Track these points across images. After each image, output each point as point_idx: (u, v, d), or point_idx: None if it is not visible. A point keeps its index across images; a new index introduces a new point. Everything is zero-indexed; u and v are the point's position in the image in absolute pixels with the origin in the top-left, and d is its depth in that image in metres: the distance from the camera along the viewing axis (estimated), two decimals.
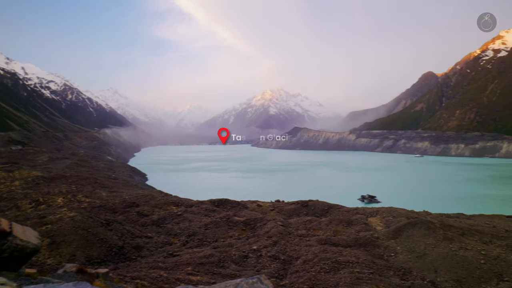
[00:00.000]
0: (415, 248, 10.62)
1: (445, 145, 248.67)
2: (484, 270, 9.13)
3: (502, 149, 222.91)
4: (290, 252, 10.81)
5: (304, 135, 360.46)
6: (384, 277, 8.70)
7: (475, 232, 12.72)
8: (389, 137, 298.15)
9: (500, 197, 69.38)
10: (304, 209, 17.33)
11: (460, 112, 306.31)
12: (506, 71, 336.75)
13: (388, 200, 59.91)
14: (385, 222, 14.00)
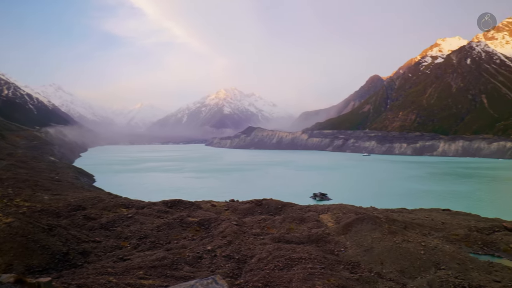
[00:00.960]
0: (363, 242, 11.14)
1: (390, 145, 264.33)
2: (424, 260, 9.80)
3: (439, 148, 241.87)
4: (245, 251, 10.84)
5: (258, 135, 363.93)
6: (335, 271, 9.02)
7: (416, 225, 13.63)
8: (339, 137, 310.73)
9: (438, 193, 75.13)
10: (258, 208, 17.48)
11: (403, 113, 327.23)
12: (442, 76, 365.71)
13: (338, 197, 62.43)
14: (336, 219, 14.55)
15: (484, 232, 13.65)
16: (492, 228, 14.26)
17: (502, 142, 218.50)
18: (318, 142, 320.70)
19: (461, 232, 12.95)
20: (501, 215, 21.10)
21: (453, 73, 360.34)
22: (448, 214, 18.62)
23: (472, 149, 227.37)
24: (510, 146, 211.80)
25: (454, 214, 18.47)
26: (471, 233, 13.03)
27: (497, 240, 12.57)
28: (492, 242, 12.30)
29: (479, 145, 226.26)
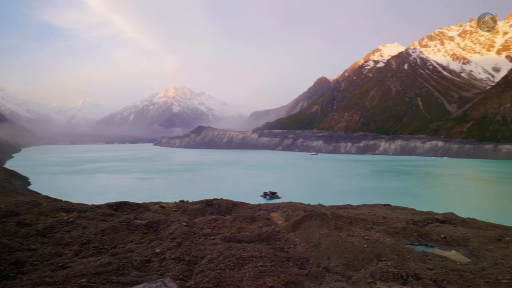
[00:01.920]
0: (311, 238, 11.48)
1: (336, 144, 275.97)
2: (367, 253, 10.33)
3: (380, 147, 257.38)
4: (195, 252, 10.67)
5: (208, 134, 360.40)
6: (284, 268, 9.20)
7: (360, 220, 14.35)
8: (289, 137, 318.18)
9: (379, 189, 79.93)
10: (209, 208, 17.32)
11: (348, 114, 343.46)
12: (383, 79, 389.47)
13: (288, 195, 63.93)
14: (285, 216, 14.84)
15: (419, 225, 14.70)
16: (426, 220, 15.42)
17: (434, 141, 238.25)
18: (268, 141, 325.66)
19: (400, 225, 13.85)
20: (434, 208, 22.97)
21: (393, 77, 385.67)
22: (388, 209, 19.82)
23: (409, 148, 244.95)
24: (441, 145, 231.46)
25: (393, 209, 19.72)
26: (408, 226, 13.98)
27: (430, 231, 13.62)
28: (426, 233, 13.31)
29: (415, 144, 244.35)
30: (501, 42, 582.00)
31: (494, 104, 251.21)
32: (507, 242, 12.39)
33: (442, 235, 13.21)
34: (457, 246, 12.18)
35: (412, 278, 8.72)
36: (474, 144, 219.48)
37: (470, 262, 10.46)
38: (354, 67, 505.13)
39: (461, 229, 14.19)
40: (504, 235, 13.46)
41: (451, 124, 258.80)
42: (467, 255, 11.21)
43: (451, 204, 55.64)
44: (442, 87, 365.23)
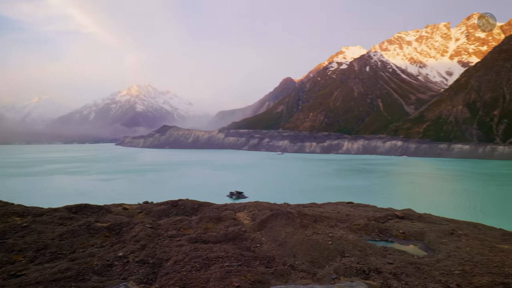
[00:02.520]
0: (278, 237, 11.58)
1: (301, 143, 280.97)
2: (331, 250, 10.58)
3: (343, 146, 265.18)
4: (160, 255, 10.43)
5: (173, 134, 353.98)
6: (251, 267, 9.22)
7: (324, 218, 14.68)
8: (255, 136, 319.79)
9: (343, 187, 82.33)
10: (174, 209, 17.01)
11: (313, 114, 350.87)
12: (346, 81, 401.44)
13: (254, 195, 64.25)
14: (252, 216, 14.88)
15: (380, 221, 15.27)
16: (386, 217, 16.05)
17: (394, 141, 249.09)
18: (235, 141, 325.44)
19: (362, 222, 14.31)
20: (393, 205, 24.01)
21: (355, 79, 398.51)
22: (351, 206, 20.40)
23: (371, 147, 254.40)
24: (400, 144, 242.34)
25: (356, 206, 20.33)
26: (369, 222, 14.46)
27: (390, 227, 14.18)
28: (386, 229, 13.84)
29: (376, 144, 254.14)
30: (454, 48, 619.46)
31: (448, 106, 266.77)
32: (459, 236, 13.15)
33: (401, 230, 13.81)
34: (415, 241, 12.79)
35: (373, 272, 9.05)
36: (429, 144, 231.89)
37: (426, 255, 11.02)
38: (319, 68, 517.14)
39: (418, 224, 14.91)
40: (457, 228, 14.29)
41: (409, 125, 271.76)
42: (423, 248, 11.80)
43: (409, 201, 58.42)
44: (401, 89, 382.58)
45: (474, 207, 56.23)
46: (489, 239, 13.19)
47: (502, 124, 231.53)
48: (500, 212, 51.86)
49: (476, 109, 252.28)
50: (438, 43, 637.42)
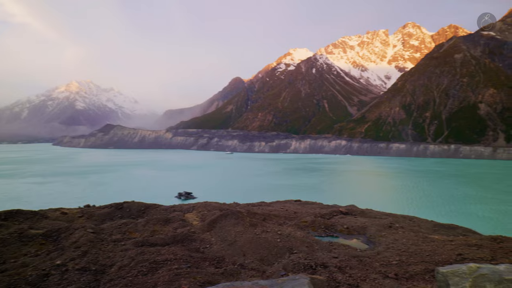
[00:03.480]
0: (227, 237, 11.55)
1: (251, 143, 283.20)
2: (280, 247, 10.77)
3: (291, 146, 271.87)
4: (104, 260, 9.89)
5: (118, 133, 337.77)
6: (200, 269, 9.10)
7: (273, 216, 14.92)
8: (204, 136, 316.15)
9: (291, 185, 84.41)
10: (119, 211, 16.22)
11: (262, 114, 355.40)
12: (294, 82, 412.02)
13: (203, 195, 63.51)
14: (201, 217, 14.68)
15: (326, 217, 15.86)
16: (332, 213, 16.72)
17: (339, 140, 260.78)
18: (183, 141, 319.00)
19: (309, 219, 14.75)
20: (338, 202, 25.10)
21: (302, 80, 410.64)
22: (299, 204, 20.93)
23: (317, 146, 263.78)
24: (344, 144, 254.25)
25: (303, 204, 20.90)
26: (316, 219, 14.96)
27: (335, 223, 14.78)
28: (332, 225, 14.40)
29: (322, 143, 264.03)
30: (391, 54, 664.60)
31: (386, 108, 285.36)
32: (396, 228, 14.09)
33: (345, 225, 14.44)
34: (357, 235, 13.45)
35: (320, 267, 9.36)
36: (370, 143, 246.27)
37: (368, 248, 11.64)
38: (267, 69, 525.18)
39: (361, 219, 15.72)
40: (394, 222, 15.31)
41: (352, 125, 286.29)
42: (365, 242, 12.45)
43: (353, 197, 61.56)
44: (344, 91, 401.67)
45: (410, 201, 60.75)
46: (422, 231, 14.33)
47: (433, 125, 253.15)
48: (431, 205, 56.58)
49: (411, 111, 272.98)
50: (378, 49, 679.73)
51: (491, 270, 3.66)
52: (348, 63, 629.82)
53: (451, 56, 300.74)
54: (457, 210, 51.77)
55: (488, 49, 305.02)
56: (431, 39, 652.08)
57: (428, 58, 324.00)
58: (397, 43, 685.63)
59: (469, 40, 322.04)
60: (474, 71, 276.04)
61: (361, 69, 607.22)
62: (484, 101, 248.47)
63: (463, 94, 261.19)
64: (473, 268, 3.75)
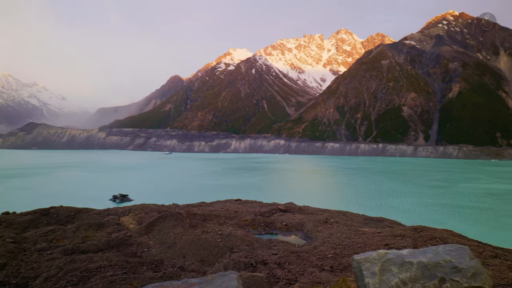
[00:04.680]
0: (166, 239, 11.25)
1: (190, 143, 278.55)
2: (221, 247, 10.76)
3: (231, 145, 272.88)
4: (26, 273, 9.01)
5: (43, 132, 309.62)
6: (138, 274, 8.73)
7: (213, 216, 14.83)
8: (141, 135, 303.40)
9: (232, 185, 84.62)
10: (45, 218, 14.86)
11: (202, 113, 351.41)
12: (234, 82, 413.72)
13: (140, 197, 60.89)
14: (138, 219, 14.08)
15: (266, 215, 16.18)
16: (271, 211, 17.11)
17: (278, 140, 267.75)
18: (118, 140, 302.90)
19: (249, 218, 14.93)
20: (277, 200, 25.76)
21: (242, 80, 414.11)
22: (239, 203, 21.07)
23: (257, 146, 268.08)
24: (283, 143, 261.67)
25: (244, 203, 21.08)
26: (256, 217, 15.19)
27: (275, 220, 15.15)
28: (271, 223, 14.73)
29: (261, 143, 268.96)
30: (326, 57, 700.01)
31: (322, 109, 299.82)
32: (331, 223, 14.85)
33: (284, 223, 14.85)
34: (296, 231, 13.92)
35: (260, 264, 9.52)
36: (307, 142, 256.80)
37: (305, 243, 12.10)
38: (207, 68, 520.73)
39: (299, 216, 16.30)
40: (330, 217, 16.14)
41: (290, 125, 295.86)
42: (303, 238, 12.93)
43: (291, 195, 63.53)
44: (283, 92, 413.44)
45: (344, 197, 64.50)
46: (354, 224, 15.31)
47: (363, 126, 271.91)
48: (362, 200, 60.68)
49: (344, 112, 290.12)
50: (314, 52, 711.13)
51: (396, 254, 4.16)
52: (286, 65, 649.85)
53: (378, 62, 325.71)
54: (385, 204, 56.17)
55: (410, 57, 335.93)
56: (361, 45, 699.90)
57: (358, 63, 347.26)
58: (331, 48, 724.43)
59: (394, 48, 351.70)
60: (398, 76, 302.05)
61: (298, 71, 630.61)
62: (407, 104, 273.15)
63: (389, 97, 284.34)
64: (382, 254, 4.21)
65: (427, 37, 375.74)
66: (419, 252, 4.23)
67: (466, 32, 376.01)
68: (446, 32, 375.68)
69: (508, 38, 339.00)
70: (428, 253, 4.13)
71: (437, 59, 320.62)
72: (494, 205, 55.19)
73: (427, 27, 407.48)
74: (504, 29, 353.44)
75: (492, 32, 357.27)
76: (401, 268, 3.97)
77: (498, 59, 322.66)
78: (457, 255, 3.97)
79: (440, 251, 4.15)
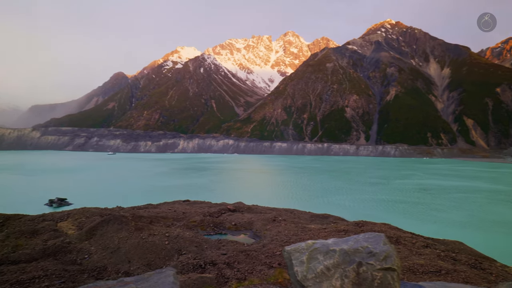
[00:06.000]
0: (110, 244, 10.72)
1: (136, 143, 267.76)
2: (168, 249, 10.49)
3: (179, 145, 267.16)
4: None
5: None
6: (77, 283, 8.21)
7: (160, 218, 14.42)
8: (81, 135, 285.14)
9: (180, 186, 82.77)
10: None
11: (148, 112, 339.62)
12: (181, 80, 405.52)
13: (81, 201, 57.15)
14: (78, 224, 13.24)
15: (215, 216, 16.08)
16: (220, 211, 17.04)
17: (227, 140, 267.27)
18: (55, 140, 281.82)
19: (198, 219, 14.73)
20: (226, 200, 25.74)
21: (190, 79, 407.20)
22: (188, 204, 20.72)
23: (205, 146, 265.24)
24: (232, 143, 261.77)
25: (192, 204, 20.78)
26: (205, 218, 15.04)
27: (224, 220, 15.11)
28: (220, 223, 14.67)
29: (210, 143, 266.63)
30: (274, 59, 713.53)
31: (270, 109, 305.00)
32: (280, 221, 15.16)
33: (233, 222, 14.87)
34: (245, 230, 14.00)
35: (209, 265, 9.44)
36: (256, 142, 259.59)
37: (254, 242, 12.22)
38: (153, 65, 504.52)
39: (247, 215, 16.41)
40: (278, 216, 16.46)
41: (239, 125, 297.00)
42: (252, 236, 13.04)
43: (240, 195, 63.81)
44: (232, 92, 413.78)
45: (291, 195, 66.18)
46: (301, 222, 15.78)
47: (310, 126, 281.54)
48: (309, 198, 62.75)
49: (292, 112, 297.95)
50: (262, 53, 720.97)
51: (322, 244, 4.56)
52: (235, 65, 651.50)
53: (323, 64, 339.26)
54: (330, 201, 58.63)
55: (352, 60, 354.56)
56: (307, 48, 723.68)
57: (305, 65, 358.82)
58: (279, 49, 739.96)
59: (338, 52, 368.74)
60: (342, 79, 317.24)
61: (247, 71, 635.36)
62: (350, 106, 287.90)
63: (333, 99, 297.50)
64: (310, 244, 4.59)
65: (367, 42, 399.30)
66: (342, 240, 4.63)
67: (401, 39, 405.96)
68: (384, 39, 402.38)
69: (437, 47, 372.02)
70: (349, 241, 4.54)
71: (377, 64, 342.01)
72: (426, 199, 60.18)
73: (368, 33, 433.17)
74: (434, 39, 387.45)
75: (423, 41, 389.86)
76: (326, 256, 4.33)
77: (428, 66, 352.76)
78: (373, 242, 4.41)
79: (360, 239, 4.60)
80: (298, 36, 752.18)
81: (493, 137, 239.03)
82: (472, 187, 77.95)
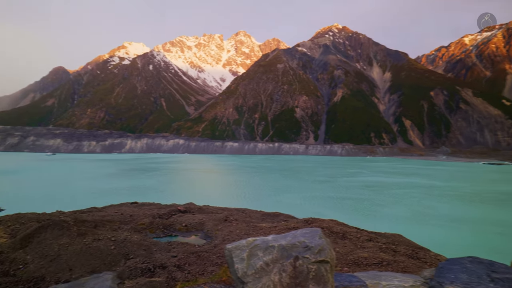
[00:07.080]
0: (49, 252, 10.00)
1: (78, 143, 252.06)
2: (115, 254, 10.02)
3: (127, 145, 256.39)
4: None
5: None
6: None
7: (106, 222, 13.72)
8: (15, 134, 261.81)
9: (127, 188, 79.41)
10: None
11: (92, 110, 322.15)
12: (129, 77, 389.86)
13: (15, 206, 52.53)
14: (11, 232, 12.17)
15: (164, 217, 15.67)
16: (170, 212, 16.64)
17: (177, 139, 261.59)
18: None
19: (147, 221, 14.26)
20: (177, 201, 25.20)
21: (138, 76, 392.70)
22: (136, 206, 20.00)
23: (155, 145, 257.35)
24: (182, 143, 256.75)
25: (141, 206, 20.08)
26: (154, 220, 14.59)
27: (174, 222, 14.78)
28: (171, 225, 14.33)
29: (160, 142, 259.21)
30: (226, 58, 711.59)
31: (221, 109, 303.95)
32: (231, 221, 15.15)
33: (183, 223, 14.60)
34: (196, 231, 13.80)
35: (159, 268, 9.19)
36: (207, 142, 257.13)
37: (205, 243, 12.09)
38: (98, 60, 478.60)
39: (199, 216, 16.20)
40: (229, 215, 16.44)
41: (190, 124, 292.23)
42: (203, 237, 12.89)
43: (191, 195, 62.84)
44: (182, 91, 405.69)
45: (243, 195, 66.47)
46: (253, 221, 15.91)
47: (261, 126, 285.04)
48: (260, 197, 63.48)
49: (243, 112, 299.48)
50: (213, 52, 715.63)
51: (262, 240, 4.71)
52: (186, 63, 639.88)
53: (274, 65, 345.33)
54: (280, 199, 59.80)
55: (302, 62, 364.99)
56: (259, 48, 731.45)
57: (256, 65, 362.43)
58: (230, 49, 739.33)
59: (288, 53, 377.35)
60: (292, 80, 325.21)
61: (198, 70, 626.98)
62: (299, 106, 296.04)
63: (284, 99, 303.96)
64: (250, 241, 4.72)
65: (316, 45, 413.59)
66: (281, 236, 4.82)
67: (347, 44, 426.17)
68: (332, 42, 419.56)
69: (379, 52, 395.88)
70: (288, 237, 4.74)
71: (325, 66, 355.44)
72: (370, 195, 63.74)
73: (316, 36, 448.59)
74: (376, 44, 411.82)
75: (367, 46, 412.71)
76: (265, 252, 4.50)
77: (372, 70, 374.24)
78: (309, 236, 4.65)
79: (298, 234, 4.81)
80: (250, 36, 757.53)
81: (428, 137, 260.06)
82: (410, 183, 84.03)
